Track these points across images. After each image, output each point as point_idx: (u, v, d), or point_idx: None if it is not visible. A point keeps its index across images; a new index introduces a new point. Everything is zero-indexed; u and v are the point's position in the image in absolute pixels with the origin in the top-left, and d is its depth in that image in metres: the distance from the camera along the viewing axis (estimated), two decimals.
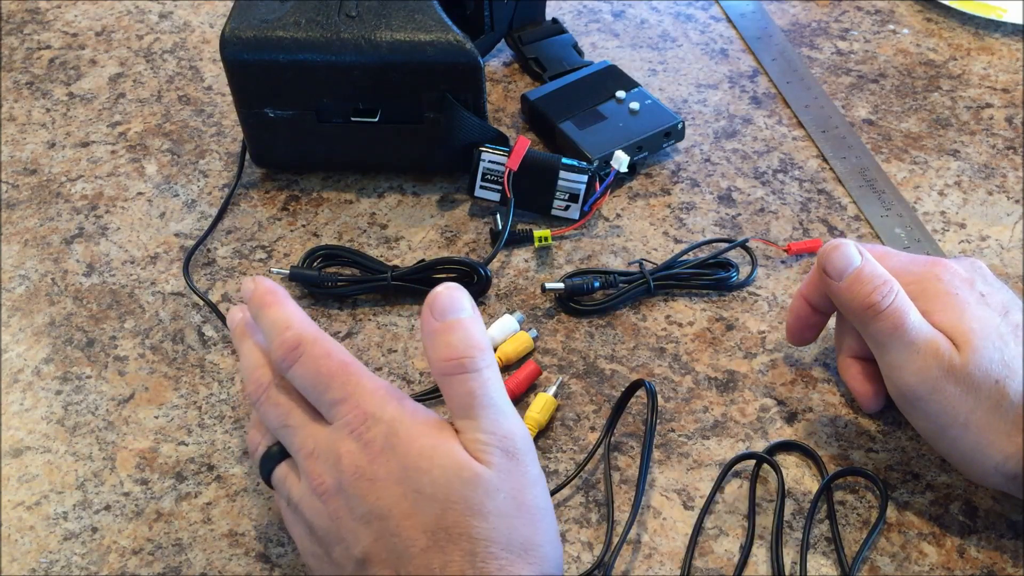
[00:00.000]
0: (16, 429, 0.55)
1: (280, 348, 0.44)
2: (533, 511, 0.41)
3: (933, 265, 0.50)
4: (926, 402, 0.47)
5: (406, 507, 0.40)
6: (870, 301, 0.47)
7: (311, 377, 0.44)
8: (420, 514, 0.40)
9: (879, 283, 0.48)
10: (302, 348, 0.44)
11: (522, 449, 0.42)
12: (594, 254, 0.64)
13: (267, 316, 0.46)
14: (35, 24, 0.84)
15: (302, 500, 0.43)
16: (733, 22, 0.82)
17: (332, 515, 0.42)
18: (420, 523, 0.40)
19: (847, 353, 0.54)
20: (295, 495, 0.44)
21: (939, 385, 0.46)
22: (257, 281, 0.47)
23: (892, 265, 0.50)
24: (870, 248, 0.51)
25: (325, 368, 0.43)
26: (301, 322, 0.45)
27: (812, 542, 0.49)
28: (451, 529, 0.40)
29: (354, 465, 0.42)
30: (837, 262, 0.49)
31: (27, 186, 0.70)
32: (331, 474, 0.42)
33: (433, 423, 0.43)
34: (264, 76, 0.62)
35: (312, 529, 0.43)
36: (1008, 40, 0.79)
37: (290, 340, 0.44)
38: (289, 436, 0.45)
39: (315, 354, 0.44)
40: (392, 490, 0.41)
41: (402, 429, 0.42)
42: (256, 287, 0.47)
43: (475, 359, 0.42)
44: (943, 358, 0.46)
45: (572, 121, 0.68)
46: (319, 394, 0.44)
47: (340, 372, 0.43)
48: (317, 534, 0.43)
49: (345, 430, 0.42)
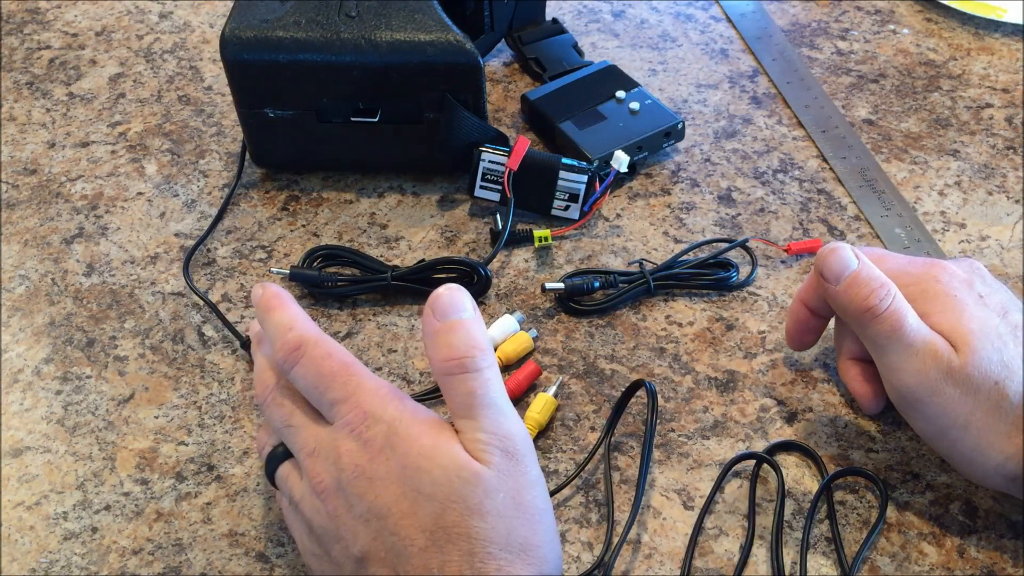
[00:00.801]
0: (16, 429, 0.55)
1: (282, 349, 0.44)
2: (532, 512, 0.41)
3: (931, 267, 0.50)
4: (925, 404, 0.47)
5: (405, 506, 0.40)
6: (867, 304, 0.47)
7: (312, 377, 0.44)
8: (419, 513, 0.40)
9: (876, 286, 0.48)
10: (303, 349, 0.44)
11: (522, 450, 0.42)
12: (594, 254, 0.64)
13: (271, 319, 0.46)
14: (35, 24, 0.84)
15: (303, 499, 0.44)
16: (733, 22, 0.82)
17: (331, 513, 0.42)
18: (419, 522, 0.40)
19: (847, 355, 0.53)
20: (296, 494, 0.44)
21: (938, 387, 0.46)
22: (264, 287, 0.47)
23: (889, 267, 0.50)
24: (867, 251, 0.51)
25: (326, 368, 0.44)
26: (303, 324, 0.45)
27: (812, 542, 0.49)
28: (450, 529, 0.40)
29: (354, 464, 0.42)
30: (834, 266, 0.49)
31: (27, 186, 0.70)
32: (331, 473, 0.42)
33: (433, 423, 0.43)
34: (264, 76, 0.62)
35: (311, 528, 0.43)
36: (1008, 40, 0.79)
37: (292, 341, 0.44)
38: (291, 436, 0.45)
39: (316, 355, 0.44)
40: (391, 489, 0.41)
41: (402, 428, 0.42)
42: (263, 292, 0.47)
43: (476, 359, 0.42)
44: (942, 360, 0.46)
45: (572, 121, 0.68)
46: (320, 394, 0.44)
47: (341, 372, 0.44)
48: (316, 533, 0.43)
49: (345, 429, 0.43)
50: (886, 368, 0.48)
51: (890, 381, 0.48)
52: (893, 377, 0.48)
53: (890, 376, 0.48)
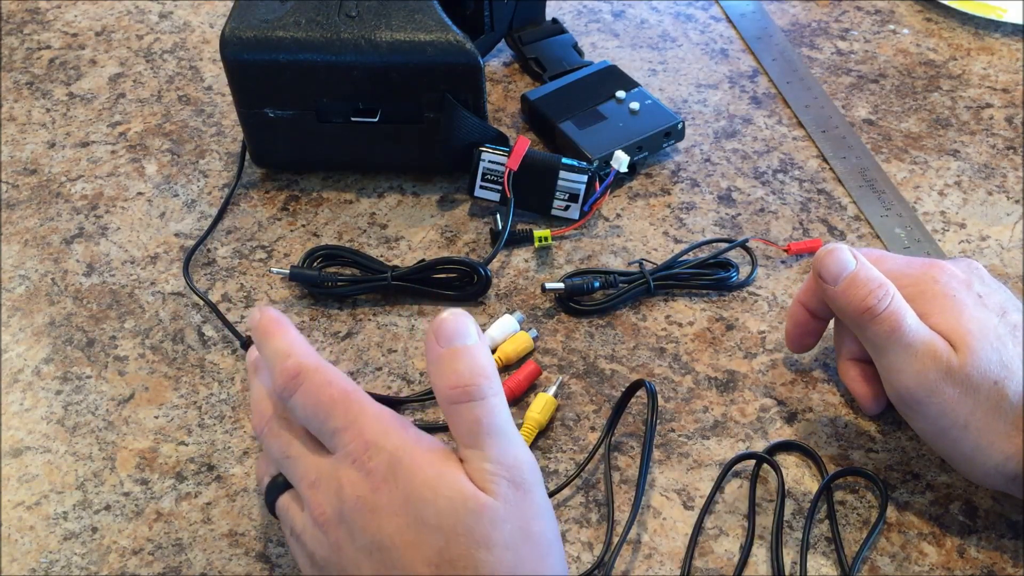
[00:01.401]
0: (16, 429, 0.55)
1: (280, 377, 0.43)
2: (540, 543, 0.41)
3: (930, 267, 0.50)
4: (925, 404, 0.47)
5: (409, 538, 0.40)
6: (866, 305, 0.47)
7: (312, 406, 0.43)
8: (423, 545, 0.39)
9: (874, 286, 0.47)
10: (302, 377, 0.43)
11: (530, 479, 0.41)
12: (594, 254, 0.64)
13: (269, 345, 0.45)
14: (35, 24, 0.84)
15: (304, 530, 0.43)
16: (733, 22, 0.82)
17: (334, 545, 0.41)
18: (423, 555, 0.39)
19: (846, 356, 0.53)
20: (298, 525, 0.43)
21: (937, 387, 0.46)
22: (262, 311, 0.46)
23: (888, 268, 0.50)
24: (865, 252, 0.50)
25: (326, 396, 0.43)
26: (302, 350, 0.44)
27: (812, 542, 0.49)
28: (456, 561, 0.39)
29: (356, 495, 0.41)
30: (832, 267, 0.49)
31: (27, 186, 0.70)
32: (332, 504, 0.41)
33: (438, 452, 0.42)
34: (264, 76, 0.62)
35: (314, 560, 0.42)
36: (1008, 40, 0.79)
37: (290, 368, 0.43)
38: (291, 467, 0.44)
39: (316, 382, 0.43)
40: (395, 520, 0.40)
41: (405, 458, 0.41)
42: (260, 317, 0.46)
43: (481, 387, 0.41)
44: (941, 360, 0.46)
45: (572, 121, 0.68)
46: (320, 423, 0.43)
47: (341, 400, 0.43)
48: (319, 564, 0.42)
49: (347, 459, 0.42)
50: (885, 369, 0.48)
51: (889, 381, 0.48)
52: (892, 378, 0.48)
53: (889, 377, 0.48)
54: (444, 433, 0.54)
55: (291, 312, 0.61)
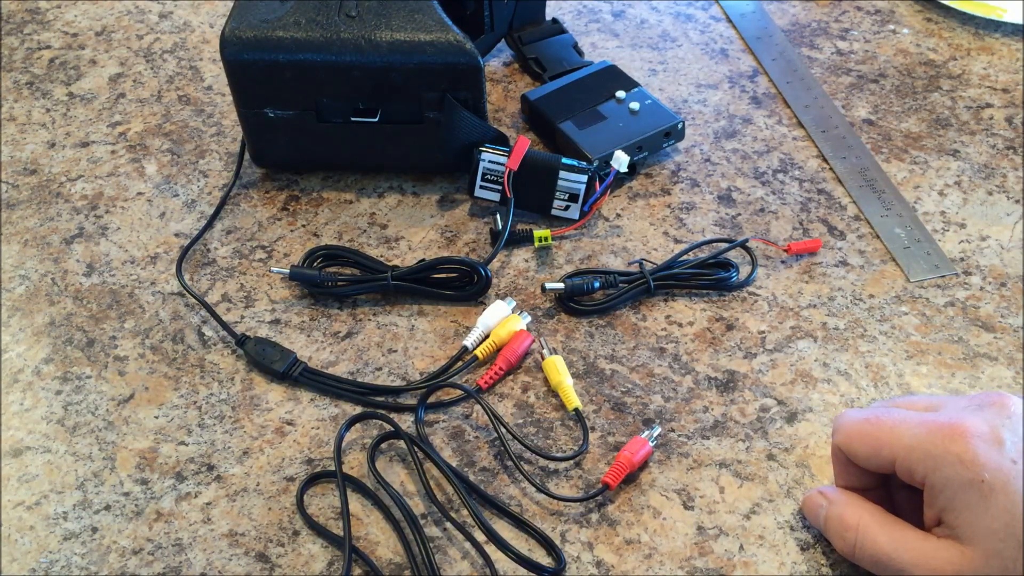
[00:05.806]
0: (16, 429, 0.55)
1: None
2: None
3: (952, 439, 0.43)
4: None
5: None
6: (843, 549, 0.47)
7: None
8: None
9: (843, 531, 0.46)
10: None
11: None
12: (594, 254, 0.64)
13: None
14: (35, 24, 0.84)
15: None
16: (733, 22, 0.82)
17: None
18: None
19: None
20: None
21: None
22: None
23: (906, 443, 0.44)
24: (882, 413, 0.46)
25: None
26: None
27: (812, 541, 0.49)
28: None
29: None
30: (810, 517, 0.49)
31: (27, 186, 0.70)
32: None
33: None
34: (264, 76, 0.62)
35: None
36: (1008, 40, 0.79)
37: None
38: None
39: None
40: None
41: None
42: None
43: None
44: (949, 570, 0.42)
45: (572, 121, 0.68)
46: None
47: None
48: None
49: None
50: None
51: None
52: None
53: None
54: (442, 411, 0.54)
55: (291, 312, 0.61)
